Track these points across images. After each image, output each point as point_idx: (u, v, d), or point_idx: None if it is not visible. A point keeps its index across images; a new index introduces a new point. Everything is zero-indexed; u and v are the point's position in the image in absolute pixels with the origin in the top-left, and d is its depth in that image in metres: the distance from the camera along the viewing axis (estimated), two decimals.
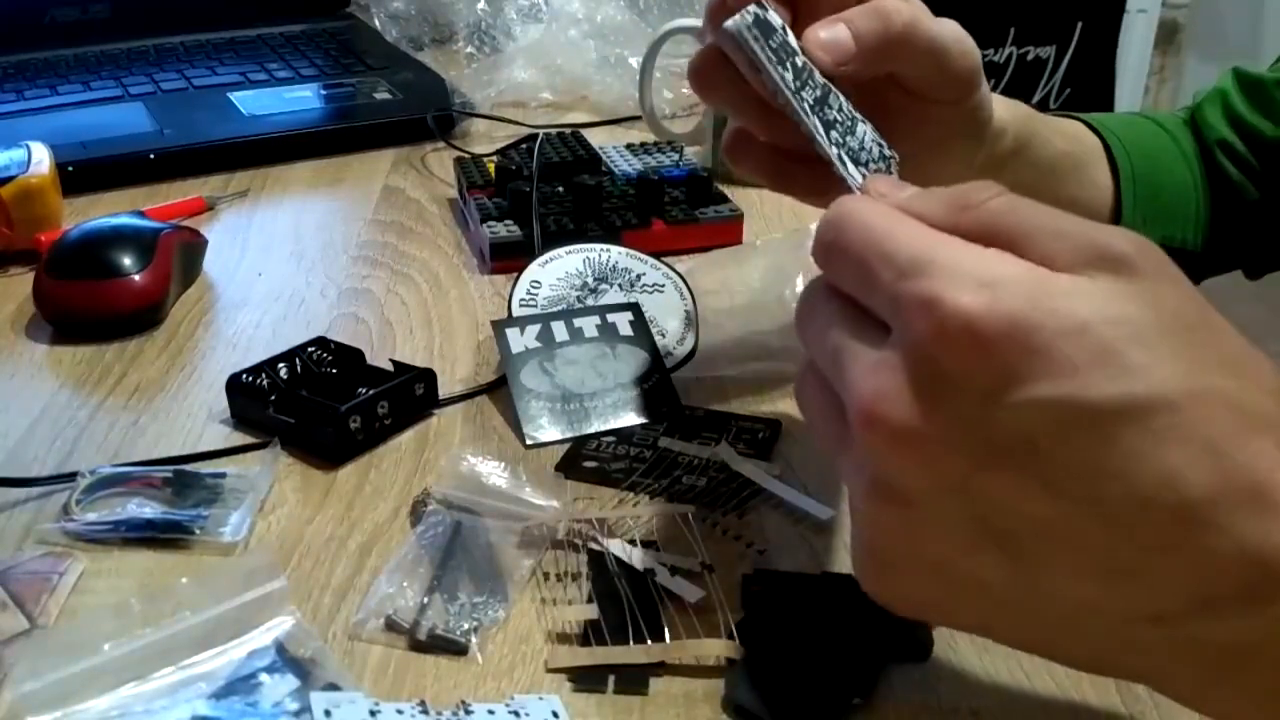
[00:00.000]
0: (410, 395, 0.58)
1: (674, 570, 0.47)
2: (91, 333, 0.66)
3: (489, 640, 0.44)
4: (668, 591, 0.46)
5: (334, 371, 0.60)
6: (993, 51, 2.15)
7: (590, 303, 0.65)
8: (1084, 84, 2.32)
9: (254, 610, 0.44)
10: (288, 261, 0.76)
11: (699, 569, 0.47)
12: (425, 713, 0.40)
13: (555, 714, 0.41)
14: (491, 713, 0.40)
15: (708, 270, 0.70)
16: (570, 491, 0.53)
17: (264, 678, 0.41)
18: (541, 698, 0.41)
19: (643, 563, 0.47)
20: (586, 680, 0.43)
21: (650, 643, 0.43)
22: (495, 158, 0.84)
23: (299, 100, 1.00)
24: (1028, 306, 0.29)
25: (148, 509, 0.51)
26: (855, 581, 0.34)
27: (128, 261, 0.67)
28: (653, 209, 0.77)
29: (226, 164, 0.90)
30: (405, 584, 0.46)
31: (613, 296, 0.66)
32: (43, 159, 0.76)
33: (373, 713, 0.39)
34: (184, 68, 1.05)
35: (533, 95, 1.04)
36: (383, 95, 1.01)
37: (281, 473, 0.54)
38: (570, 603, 0.46)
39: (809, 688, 0.41)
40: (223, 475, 0.53)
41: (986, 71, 0.50)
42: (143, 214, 0.75)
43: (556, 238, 0.72)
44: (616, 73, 1.05)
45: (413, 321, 0.69)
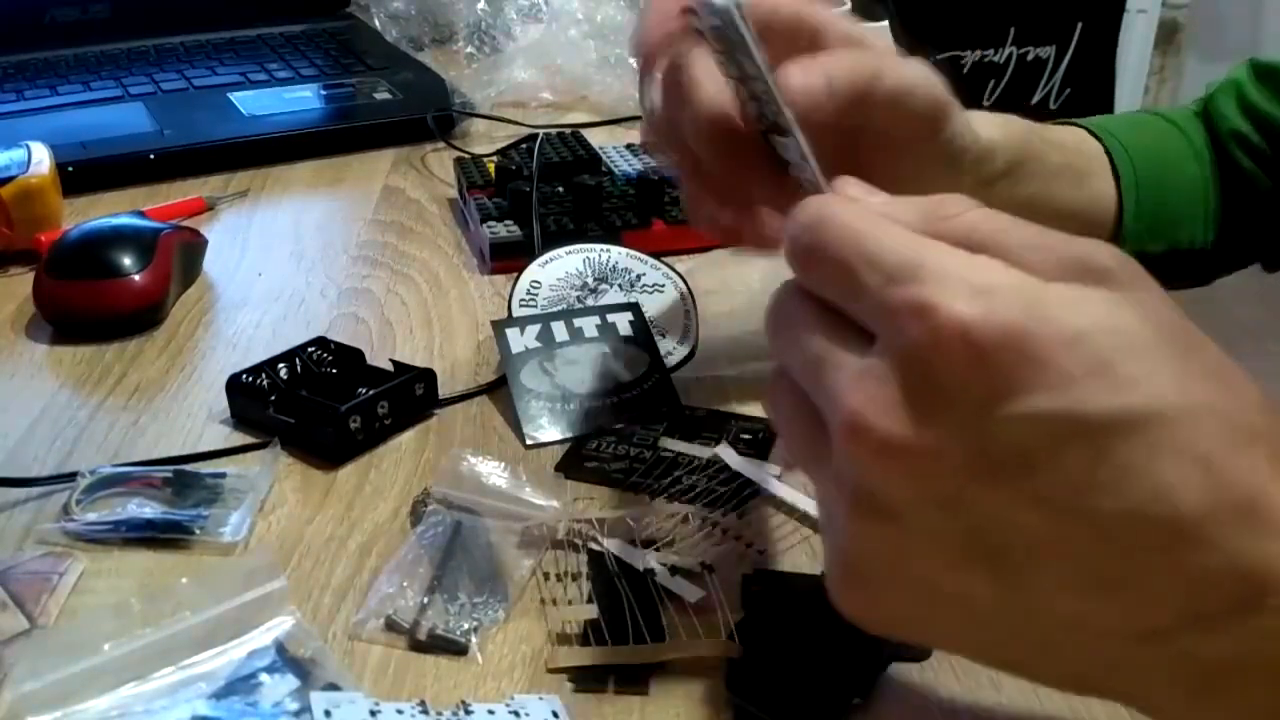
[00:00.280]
0: (410, 395, 0.58)
1: (674, 570, 0.47)
2: (91, 333, 0.66)
3: (489, 640, 0.44)
4: (668, 591, 0.46)
5: (334, 371, 0.60)
6: (993, 51, 2.15)
7: (590, 303, 0.65)
8: (1084, 84, 2.32)
9: (254, 610, 0.44)
10: (288, 261, 0.76)
11: (699, 569, 0.47)
12: (425, 713, 0.40)
13: (555, 714, 0.41)
14: (491, 713, 0.40)
15: (708, 270, 0.70)
16: (570, 491, 0.53)
17: (264, 678, 0.41)
18: (541, 698, 0.41)
19: (643, 563, 0.47)
20: (586, 680, 0.43)
21: (650, 643, 0.43)
22: (495, 158, 0.84)
23: (299, 100, 1.00)
24: (1024, 315, 0.28)
25: (148, 509, 0.51)
26: None
27: (128, 261, 0.67)
28: (653, 209, 0.77)
29: (226, 164, 0.90)
30: (405, 584, 0.46)
31: (613, 296, 0.66)
32: (43, 159, 0.76)
33: (373, 713, 0.39)
34: (184, 68, 1.05)
35: (533, 95, 1.04)
36: (383, 95, 1.01)
37: (281, 473, 0.54)
38: (570, 603, 0.46)
39: (809, 688, 0.41)
40: (223, 475, 0.53)
41: (987, 72, 0.50)
42: (143, 214, 0.75)
43: (556, 238, 0.72)
44: (616, 73, 1.05)
45: (413, 321, 0.69)
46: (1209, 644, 0.29)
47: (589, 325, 0.62)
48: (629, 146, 0.89)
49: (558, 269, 0.67)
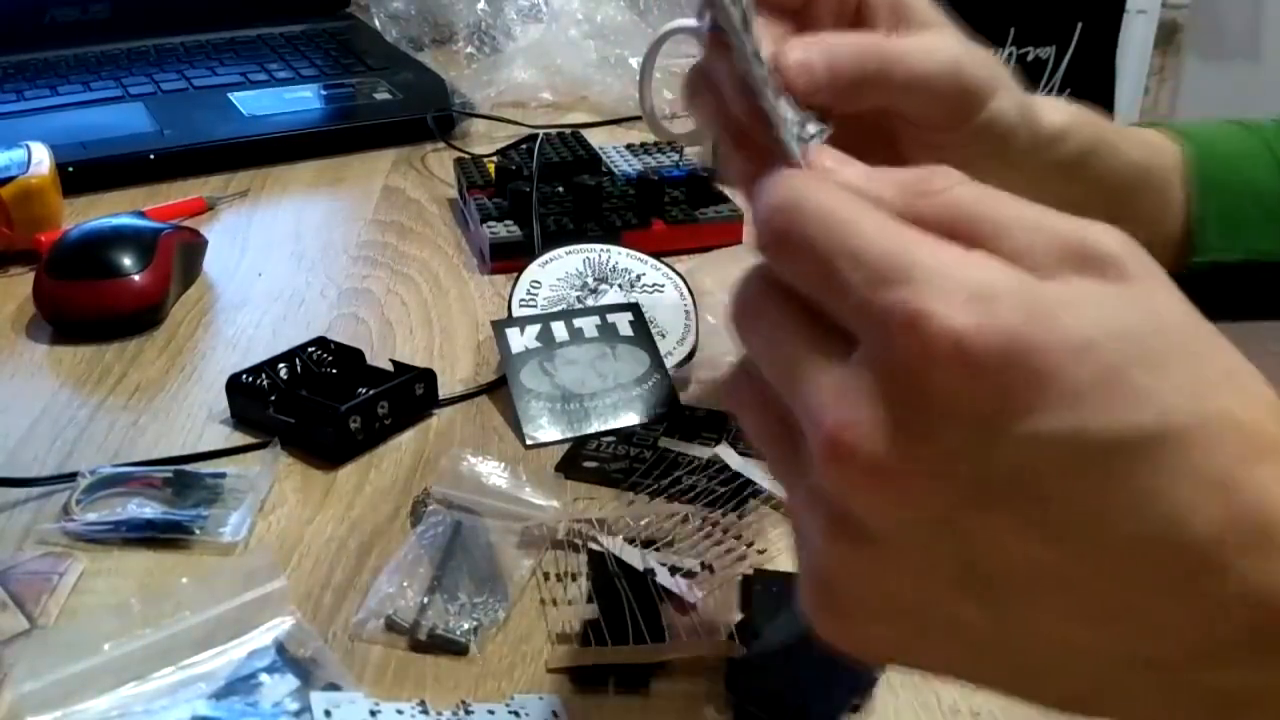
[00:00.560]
0: (410, 395, 0.58)
1: (674, 570, 0.47)
2: (91, 333, 0.66)
3: (489, 640, 0.44)
4: (668, 591, 0.46)
5: (334, 371, 0.60)
6: (993, 52, 2.15)
7: (590, 303, 0.65)
8: (1084, 84, 2.32)
9: (254, 610, 0.44)
10: (288, 261, 0.76)
11: (699, 569, 0.47)
12: (425, 713, 0.40)
13: (555, 714, 0.41)
14: (491, 713, 0.40)
15: (708, 270, 0.70)
16: (570, 491, 0.53)
17: (264, 678, 0.41)
18: (541, 698, 0.41)
19: (643, 563, 0.47)
20: (586, 680, 0.43)
21: (650, 643, 0.43)
22: (495, 158, 0.84)
23: (299, 100, 1.00)
24: (1026, 323, 0.25)
25: (148, 509, 0.51)
26: None
27: (128, 262, 0.67)
28: (653, 209, 0.77)
29: (226, 164, 0.90)
30: (405, 584, 0.46)
31: (613, 296, 0.66)
32: (43, 159, 0.76)
33: (373, 713, 0.39)
34: (184, 68, 1.05)
35: (533, 95, 1.04)
36: (383, 95, 1.01)
37: (281, 473, 0.54)
38: (570, 603, 0.46)
39: (809, 688, 0.41)
40: (223, 475, 0.53)
41: None
42: (143, 214, 0.75)
43: (556, 238, 0.72)
44: (616, 73, 1.05)
45: (413, 321, 0.69)
46: (1221, 674, 0.27)
47: (589, 325, 0.62)
48: (629, 146, 0.89)
49: (558, 269, 0.67)
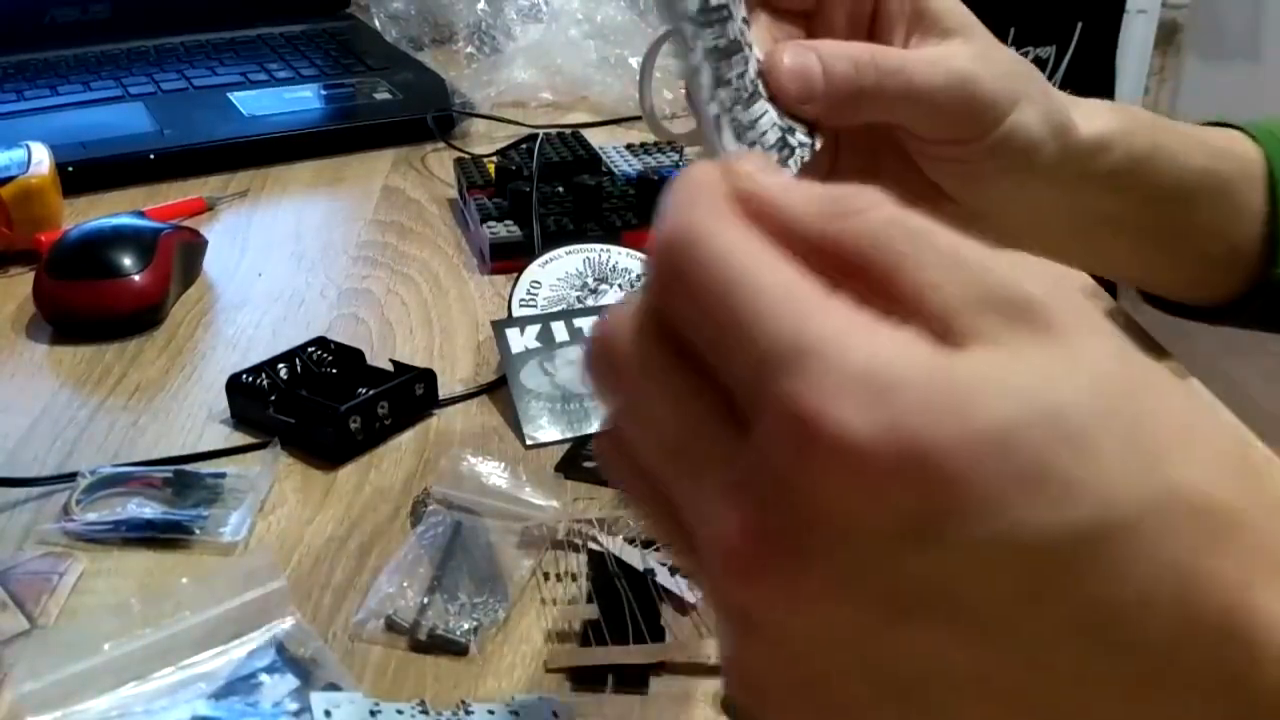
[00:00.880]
0: (410, 395, 0.58)
1: (674, 570, 0.47)
2: (91, 333, 0.66)
3: (489, 640, 0.44)
4: (668, 591, 0.46)
5: (334, 372, 0.60)
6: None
7: (590, 303, 0.65)
8: (1084, 84, 2.32)
9: (254, 610, 0.44)
10: (288, 261, 0.76)
11: None
12: (425, 713, 0.40)
13: (555, 714, 0.41)
14: (491, 713, 0.40)
15: None
16: (570, 491, 0.53)
17: (264, 678, 0.41)
18: (541, 698, 0.41)
19: (643, 563, 0.47)
20: (586, 680, 0.43)
21: (650, 643, 0.43)
22: (495, 158, 0.84)
23: (299, 100, 1.00)
24: (934, 422, 0.22)
25: (148, 509, 0.51)
26: None
27: (128, 262, 0.67)
28: (653, 209, 0.77)
29: (226, 164, 0.90)
30: (405, 584, 0.46)
31: (613, 297, 0.66)
32: (43, 159, 0.76)
33: (373, 713, 0.39)
34: (184, 68, 1.05)
35: (533, 95, 1.04)
36: (383, 95, 1.01)
37: (281, 473, 0.54)
38: (570, 603, 0.46)
39: None
40: (223, 475, 0.53)
41: None
42: (143, 214, 0.75)
43: (556, 238, 0.72)
44: (616, 73, 1.05)
45: (413, 321, 0.69)
46: None
47: (589, 325, 0.62)
48: (629, 146, 0.89)
49: (558, 269, 0.67)
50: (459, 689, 0.42)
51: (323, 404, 0.55)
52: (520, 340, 0.61)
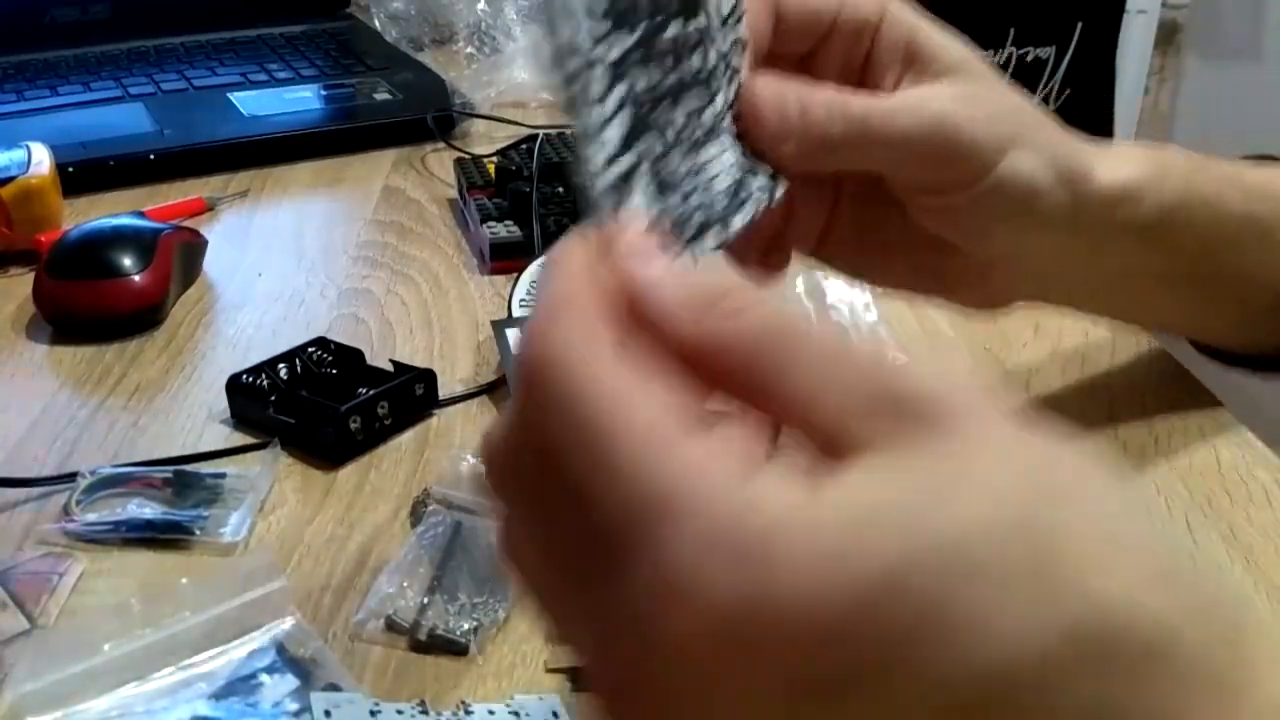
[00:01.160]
0: (410, 395, 0.58)
1: None
2: (91, 333, 0.66)
3: (489, 640, 0.44)
4: None
5: (334, 372, 0.60)
6: (993, 52, 2.15)
7: None
8: (1084, 84, 2.31)
9: (254, 610, 0.44)
10: (288, 262, 0.76)
11: None
12: (425, 713, 0.40)
13: (555, 714, 0.41)
14: (491, 713, 0.40)
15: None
16: None
17: (264, 678, 0.41)
18: (541, 698, 0.41)
19: None
20: (586, 680, 0.43)
21: None
22: (495, 158, 0.84)
23: (299, 101, 1.00)
24: (808, 578, 0.20)
25: (148, 509, 0.51)
26: None
27: (128, 262, 0.67)
28: None
29: (227, 164, 0.90)
30: (405, 584, 0.46)
31: None
32: (43, 159, 0.76)
33: (373, 713, 0.39)
34: (184, 68, 1.05)
35: (533, 95, 1.04)
36: (383, 96, 1.01)
37: (281, 473, 0.54)
38: None
39: None
40: (223, 475, 0.53)
41: None
42: (143, 214, 0.75)
43: (556, 238, 0.72)
44: None
45: (413, 321, 0.69)
46: None
47: None
48: None
49: None
50: (459, 689, 0.42)
51: (323, 404, 0.55)
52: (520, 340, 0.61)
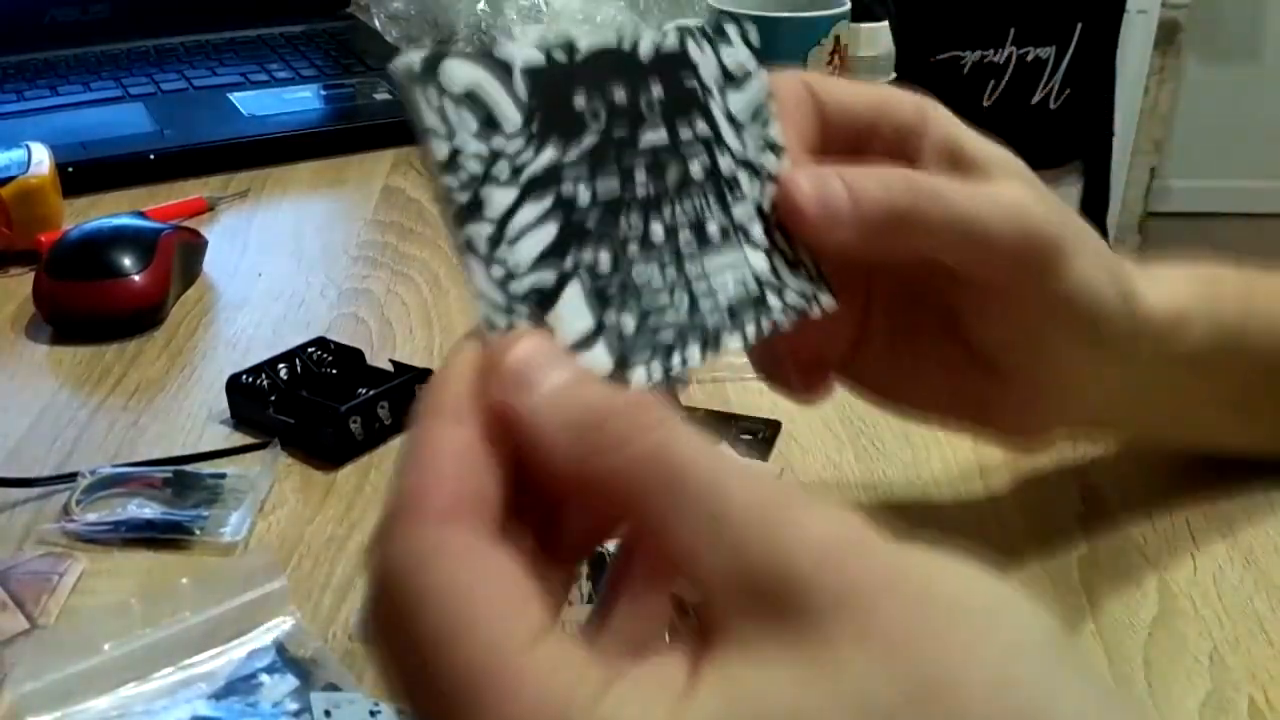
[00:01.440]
0: (410, 395, 0.58)
1: None
2: (91, 333, 0.66)
3: None
4: None
5: (334, 372, 0.60)
6: (993, 51, 2.15)
7: None
8: (1084, 84, 2.32)
9: (254, 610, 0.44)
10: (288, 262, 0.76)
11: None
12: None
13: None
14: None
15: None
16: None
17: (264, 678, 0.41)
18: None
19: None
20: None
21: None
22: None
23: (299, 101, 1.00)
24: None
25: (148, 509, 0.51)
26: None
27: (128, 262, 0.67)
28: None
29: (227, 164, 0.90)
30: None
31: None
32: (43, 159, 0.76)
33: (372, 713, 0.39)
34: (184, 68, 1.05)
35: None
36: (383, 95, 1.01)
37: (281, 473, 0.54)
38: (570, 603, 0.46)
39: None
40: (223, 475, 0.53)
41: (987, 72, 0.42)
42: (143, 214, 0.75)
43: None
44: None
45: (413, 321, 0.69)
46: None
47: None
48: None
49: None
50: None
51: (323, 404, 0.55)
52: None
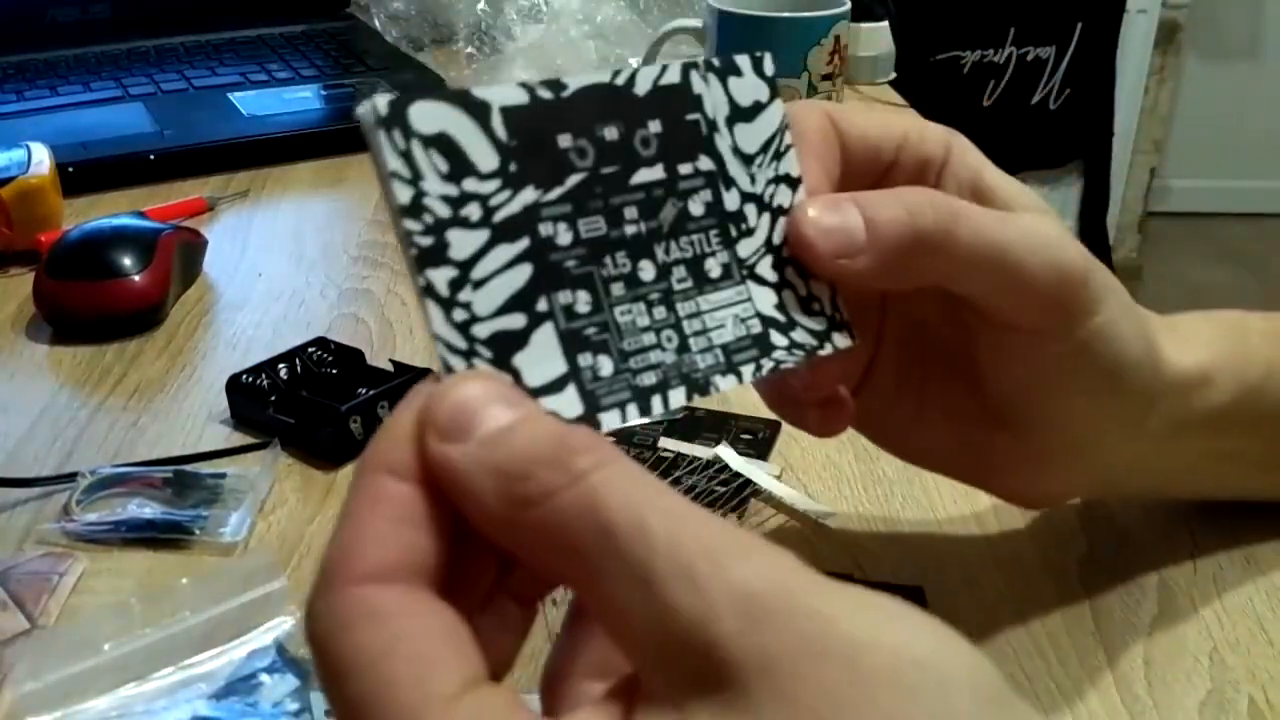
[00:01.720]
0: None
1: None
2: (91, 333, 0.66)
3: None
4: None
5: (334, 372, 0.60)
6: (993, 51, 2.15)
7: None
8: (1084, 84, 2.32)
9: (254, 611, 0.44)
10: (288, 262, 0.76)
11: None
12: None
13: None
14: None
15: None
16: None
17: (264, 678, 0.41)
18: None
19: None
20: None
21: None
22: None
23: (299, 101, 1.00)
24: None
25: (148, 509, 0.51)
26: (853, 580, 0.34)
27: (128, 262, 0.67)
28: None
29: (227, 164, 0.90)
30: None
31: None
32: (43, 159, 0.76)
33: None
34: (184, 68, 1.05)
35: None
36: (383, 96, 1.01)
37: (281, 473, 0.54)
38: (570, 603, 0.46)
39: None
40: (223, 475, 0.53)
41: (986, 72, 0.42)
42: (143, 214, 0.75)
43: None
44: None
45: (413, 321, 0.69)
46: None
47: None
48: None
49: None
50: None
51: (323, 404, 0.55)
52: None
